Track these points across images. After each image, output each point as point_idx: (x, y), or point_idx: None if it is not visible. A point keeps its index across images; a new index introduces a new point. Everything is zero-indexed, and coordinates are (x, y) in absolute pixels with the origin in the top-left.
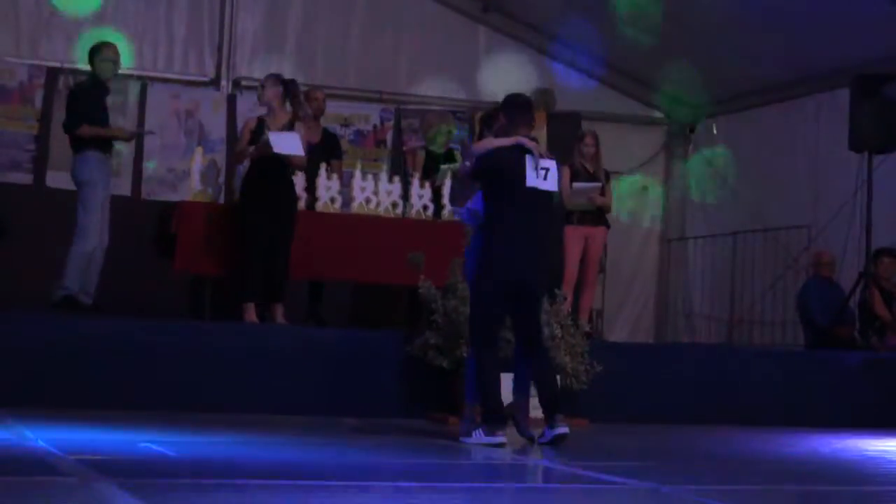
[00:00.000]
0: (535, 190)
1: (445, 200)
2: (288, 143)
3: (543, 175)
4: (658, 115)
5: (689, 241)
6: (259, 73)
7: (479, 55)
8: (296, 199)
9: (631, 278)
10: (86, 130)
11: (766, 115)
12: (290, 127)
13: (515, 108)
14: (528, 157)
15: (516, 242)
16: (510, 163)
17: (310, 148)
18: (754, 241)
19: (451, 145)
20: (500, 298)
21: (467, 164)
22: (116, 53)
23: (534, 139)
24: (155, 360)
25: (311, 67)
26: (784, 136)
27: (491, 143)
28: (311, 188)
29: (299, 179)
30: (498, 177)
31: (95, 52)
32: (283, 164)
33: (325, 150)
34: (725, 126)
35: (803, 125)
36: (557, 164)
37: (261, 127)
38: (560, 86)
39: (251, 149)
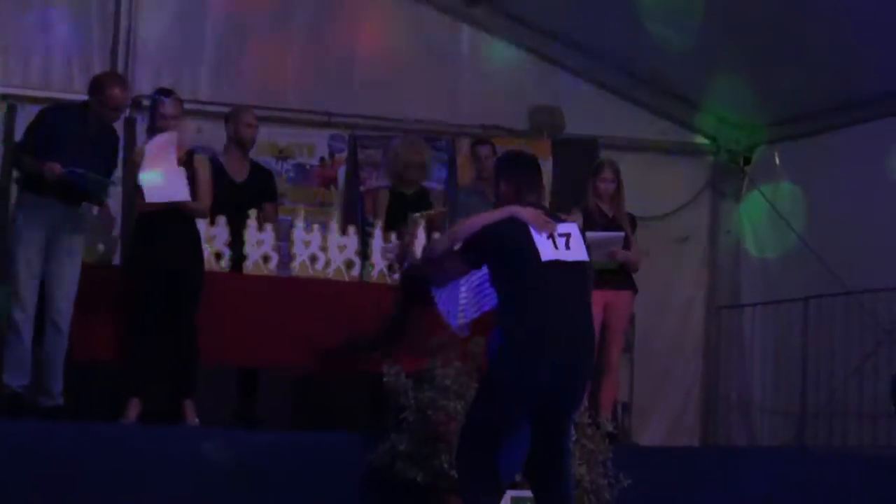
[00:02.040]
0: (556, 264)
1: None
2: (167, 187)
3: (564, 243)
4: (701, 140)
5: (744, 309)
6: None
7: (462, 62)
8: (200, 256)
9: (668, 360)
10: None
11: (846, 140)
12: (187, 163)
13: (519, 171)
14: (532, 227)
15: (541, 343)
16: (512, 236)
17: (234, 188)
18: (833, 307)
19: (427, 184)
20: (517, 426)
21: (445, 241)
22: None
23: (541, 207)
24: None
25: (234, 82)
26: (870, 168)
27: (479, 220)
28: (236, 242)
29: (220, 231)
30: (500, 257)
31: None
32: (178, 212)
33: (254, 192)
34: (792, 155)
35: None
36: (579, 225)
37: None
38: (570, 102)
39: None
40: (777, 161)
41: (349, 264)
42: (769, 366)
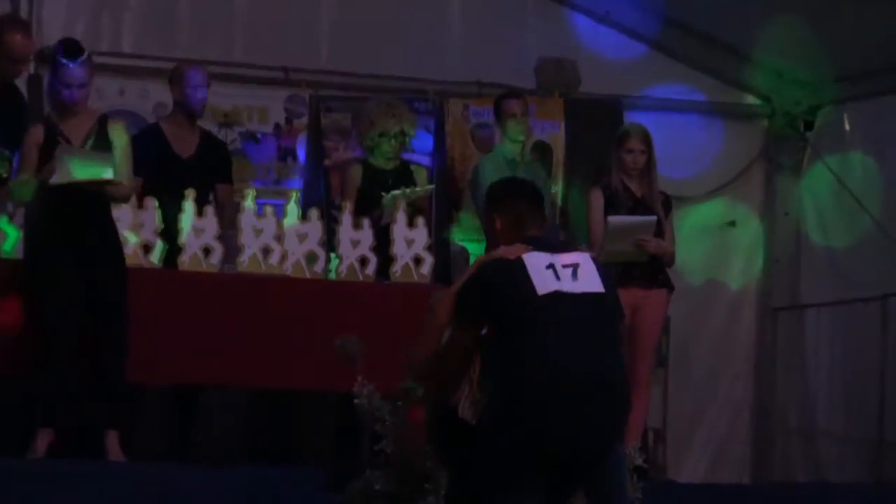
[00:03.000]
0: (559, 297)
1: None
2: (88, 162)
3: (571, 273)
4: (752, 101)
5: (807, 311)
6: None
7: (451, 4)
8: (118, 247)
9: (711, 376)
10: None
11: None
12: (100, 133)
13: (516, 201)
14: (527, 257)
15: (545, 400)
16: (501, 274)
17: (178, 165)
18: None
19: (409, 156)
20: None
21: (430, 331)
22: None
23: (538, 240)
24: None
25: (165, 30)
26: None
27: (461, 278)
28: (169, 232)
29: (150, 217)
30: (490, 303)
31: None
32: (92, 195)
33: (204, 170)
34: (865, 119)
35: None
36: (592, 257)
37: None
38: (587, 53)
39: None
40: (847, 126)
41: (311, 257)
42: (838, 382)
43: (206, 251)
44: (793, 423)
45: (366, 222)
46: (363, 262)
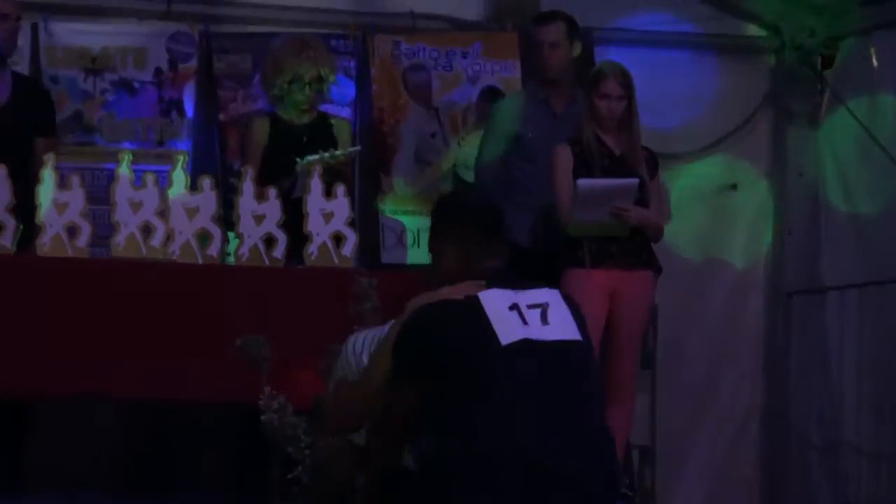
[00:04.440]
0: (526, 347)
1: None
2: None
3: (539, 316)
4: (755, 31)
5: (828, 295)
6: None
7: None
8: None
9: (710, 377)
10: None
11: None
12: None
13: (466, 224)
14: (488, 294)
15: (495, 483)
16: (448, 322)
17: None
18: None
19: (327, 107)
20: None
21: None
22: None
23: (496, 272)
24: None
25: None
26: None
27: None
28: (25, 207)
29: None
30: (433, 356)
31: None
32: None
33: (19, 120)
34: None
35: None
36: (562, 294)
37: None
38: None
39: None
40: (875, 61)
41: (204, 237)
42: (867, 383)
43: (71, 231)
44: (811, 434)
45: (272, 192)
46: (269, 242)
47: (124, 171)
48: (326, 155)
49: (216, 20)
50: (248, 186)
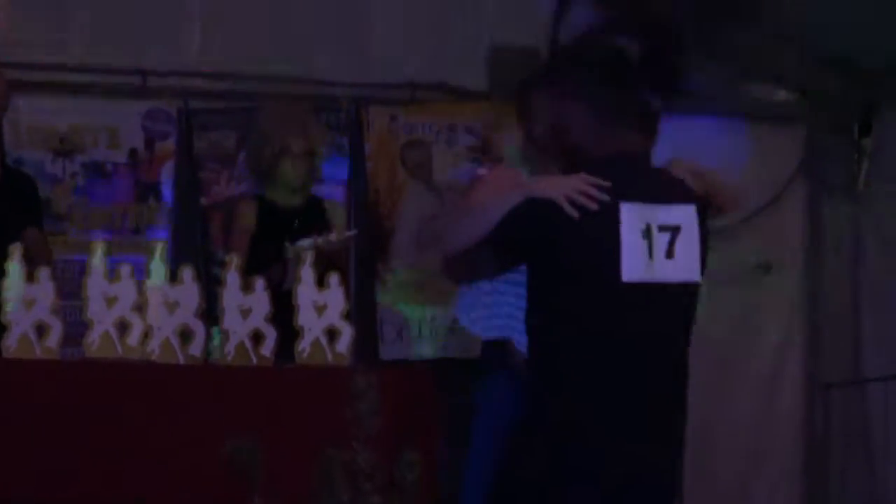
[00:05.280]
0: (646, 290)
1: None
2: None
3: (666, 243)
4: (786, 97)
5: (871, 388)
6: None
7: None
8: None
9: (741, 477)
10: None
11: None
12: None
13: (601, 73)
14: (625, 208)
15: (615, 437)
16: (579, 234)
17: None
18: None
19: (318, 190)
20: None
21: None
22: None
23: (643, 155)
24: None
25: None
26: None
27: (536, 184)
28: None
29: None
30: (550, 270)
31: None
32: None
33: (3, 210)
34: None
35: None
36: (698, 209)
37: None
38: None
39: None
40: None
41: (185, 334)
42: None
43: (41, 330)
44: None
45: (260, 283)
46: (257, 337)
47: (97, 262)
48: (319, 240)
49: (196, 95)
50: (233, 277)
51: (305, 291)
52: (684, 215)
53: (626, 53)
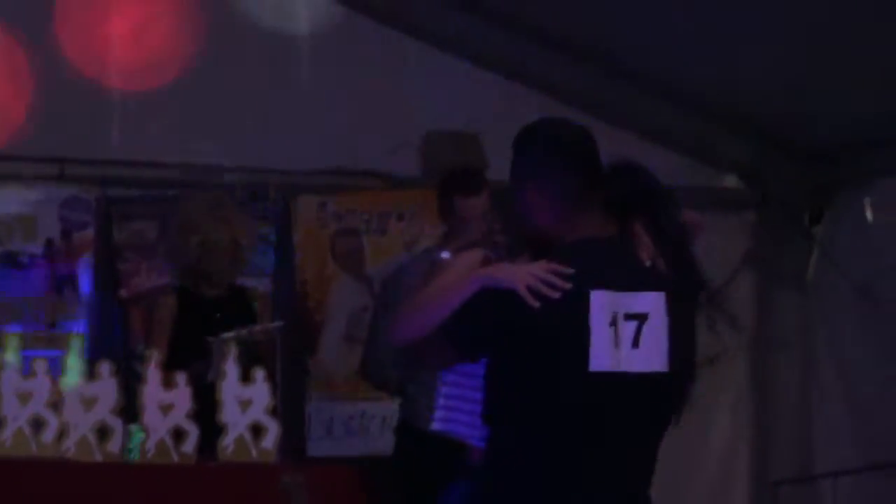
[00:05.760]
0: (613, 380)
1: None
2: None
3: (633, 332)
4: (734, 184)
5: (821, 483)
6: None
7: (293, 62)
8: None
9: None
10: None
11: None
12: None
13: (565, 155)
14: (594, 296)
15: None
16: (545, 323)
17: None
18: None
19: (244, 280)
20: None
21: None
22: None
23: (611, 239)
24: None
25: None
26: None
27: (495, 272)
28: None
29: None
30: (511, 361)
31: None
32: None
33: None
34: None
35: None
36: (668, 295)
37: None
38: (495, 122)
39: None
40: (870, 215)
41: (103, 432)
42: None
43: None
44: None
45: (181, 378)
46: (178, 435)
47: (11, 357)
48: (244, 332)
49: (116, 183)
50: (153, 372)
51: (229, 386)
52: (653, 303)
53: (588, 133)
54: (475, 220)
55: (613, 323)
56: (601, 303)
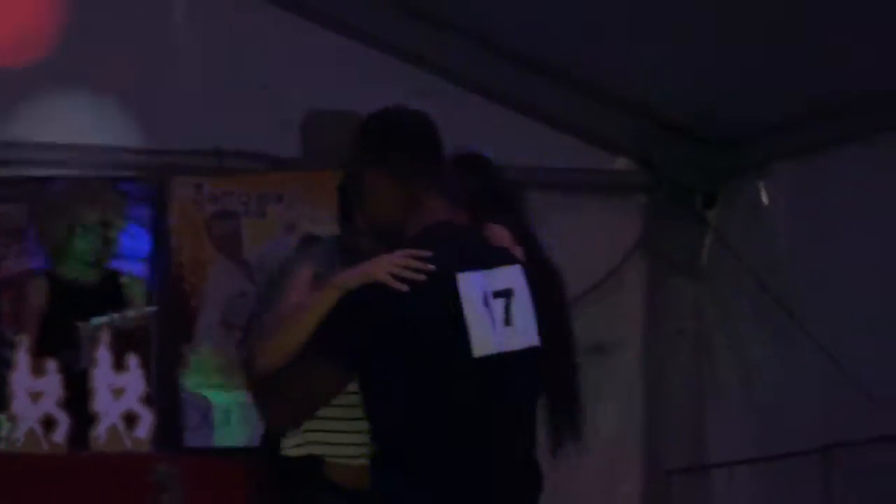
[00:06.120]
0: (492, 361)
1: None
2: None
3: (503, 311)
4: (625, 166)
5: (714, 473)
6: None
7: (166, 36)
8: None
9: None
10: None
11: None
12: None
13: (416, 147)
14: (468, 278)
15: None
16: (418, 313)
17: None
18: (878, 461)
19: (116, 263)
20: None
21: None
22: None
23: (459, 234)
24: None
25: None
26: None
27: (367, 270)
28: None
29: None
30: (391, 360)
31: None
32: None
33: None
34: (793, 187)
35: None
36: (524, 268)
37: None
38: (379, 101)
39: None
40: (765, 199)
41: None
42: None
43: None
44: None
45: (51, 366)
46: (48, 424)
47: None
48: (117, 318)
49: None
50: (22, 359)
51: (101, 374)
52: (514, 277)
53: (428, 120)
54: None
55: (486, 303)
56: (471, 283)
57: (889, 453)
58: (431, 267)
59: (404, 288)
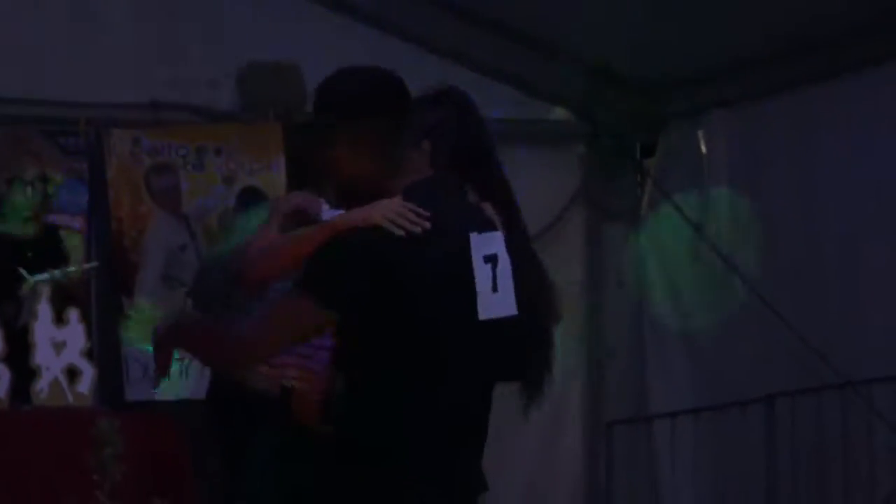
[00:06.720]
0: (488, 327)
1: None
2: None
3: (490, 277)
4: (563, 116)
5: (656, 423)
6: None
7: None
8: None
9: None
10: None
11: (833, 100)
12: None
13: (394, 108)
14: (474, 237)
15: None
16: (427, 265)
17: None
18: (821, 410)
19: (54, 217)
20: None
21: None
22: None
23: (444, 178)
24: None
25: None
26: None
27: (347, 214)
28: None
29: None
30: (388, 313)
31: None
32: None
33: None
34: (730, 136)
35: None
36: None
37: None
38: (315, 53)
39: None
40: (703, 148)
41: None
42: None
43: None
44: None
45: None
46: None
47: None
48: (56, 273)
49: None
50: None
51: (42, 328)
52: (499, 243)
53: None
54: None
55: (483, 267)
56: (475, 245)
57: (829, 400)
58: (427, 225)
59: (401, 232)
